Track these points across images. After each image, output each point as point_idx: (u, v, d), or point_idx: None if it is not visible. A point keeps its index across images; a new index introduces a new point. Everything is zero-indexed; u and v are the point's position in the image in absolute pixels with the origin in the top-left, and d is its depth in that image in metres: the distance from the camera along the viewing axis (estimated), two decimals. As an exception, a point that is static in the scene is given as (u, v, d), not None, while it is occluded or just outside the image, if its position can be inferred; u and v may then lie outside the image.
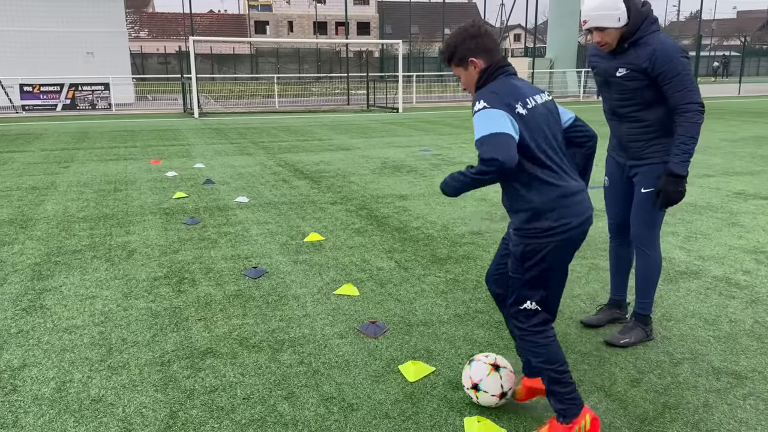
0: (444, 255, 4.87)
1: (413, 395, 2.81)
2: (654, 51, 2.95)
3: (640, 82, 3.03)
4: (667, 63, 2.93)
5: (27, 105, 20.45)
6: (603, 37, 3.02)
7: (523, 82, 2.40)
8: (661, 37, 2.99)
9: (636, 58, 3.01)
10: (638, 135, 3.17)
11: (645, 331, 3.32)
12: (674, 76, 2.94)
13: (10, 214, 6.31)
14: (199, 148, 11.33)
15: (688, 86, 2.94)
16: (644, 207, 3.20)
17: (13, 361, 3.15)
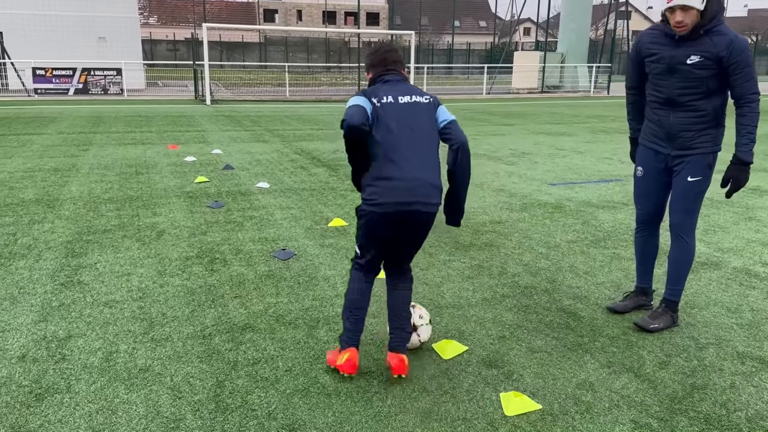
0: (467, 242, 4.96)
1: (449, 371, 2.92)
2: (732, 41, 3.00)
3: (711, 71, 3.07)
4: (742, 53, 3.01)
5: (39, 88, 20.57)
6: (685, 17, 3.01)
7: (391, 85, 2.85)
8: (732, 30, 3.06)
9: (713, 46, 3.03)
10: (691, 124, 3.22)
11: (673, 317, 3.42)
12: (746, 67, 3.03)
13: (36, 194, 6.42)
14: (215, 135, 11.43)
15: (754, 77, 3.05)
16: (688, 195, 3.28)
17: (58, 332, 3.26)
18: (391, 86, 2.84)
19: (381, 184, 2.70)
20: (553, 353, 3.11)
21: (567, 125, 14.02)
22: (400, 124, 2.73)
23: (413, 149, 2.72)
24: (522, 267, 4.39)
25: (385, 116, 2.73)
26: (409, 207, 2.70)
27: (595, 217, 5.79)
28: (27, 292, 3.77)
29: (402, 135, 2.71)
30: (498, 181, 7.45)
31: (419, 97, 2.82)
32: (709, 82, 3.11)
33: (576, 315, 3.57)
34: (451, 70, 44.99)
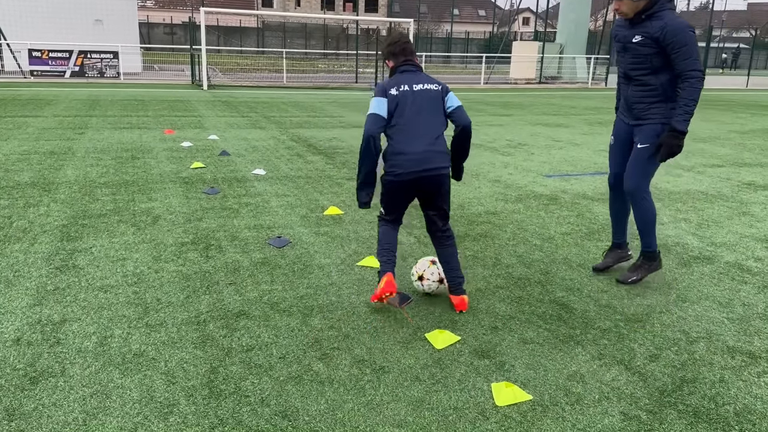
0: (462, 233, 4.98)
1: (441, 361, 2.94)
2: (665, 25, 3.51)
3: (651, 49, 3.58)
4: (676, 35, 3.48)
5: (35, 70, 20.41)
6: (621, 6, 3.63)
7: (407, 75, 3.45)
8: (672, 15, 3.55)
9: (651, 28, 3.56)
10: (642, 97, 3.72)
11: (651, 266, 3.94)
12: (682, 47, 3.48)
13: (32, 177, 6.40)
14: (211, 120, 11.39)
15: (693, 56, 3.48)
16: (639, 161, 3.77)
17: (53, 315, 3.27)
18: (409, 76, 3.45)
19: (399, 158, 3.34)
20: (544, 345, 3.13)
21: (564, 116, 14.02)
22: (414, 109, 3.35)
23: (424, 128, 3.35)
24: (516, 258, 4.42)
25: (403, 103, 3.35)
26: (422, 173, 3.34)
27: (590, 210, 5.81)
28: (22, 276, 3.78)
29: (414, 117, 3.35)
30: (494, 172, 7.46)
31: (430, 85, 3.44)
32: (653, 60, 3.60)
33: (568, 307, 3.60)
34: (450, 59, 44.81)
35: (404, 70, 3.48)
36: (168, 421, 2.41)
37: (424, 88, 3.41)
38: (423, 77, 3.46)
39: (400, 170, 3.34)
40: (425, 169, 3.33)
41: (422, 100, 3.38)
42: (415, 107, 3.35)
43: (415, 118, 3.34)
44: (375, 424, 2.44)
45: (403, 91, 3.38)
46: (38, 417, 2.39)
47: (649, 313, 3.53)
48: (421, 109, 3.36)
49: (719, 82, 30.75)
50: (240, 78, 23.79)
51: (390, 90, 3.37)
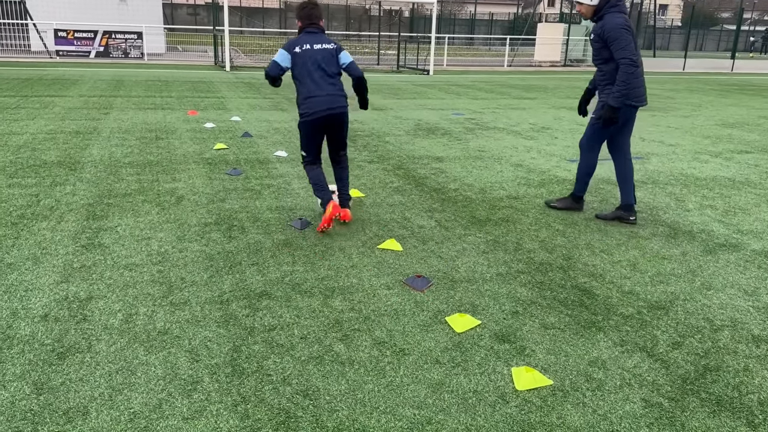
0: (483, 217, 4.96)
1: (461, 345, 2.95)
2: (604, 24, 4.50)
3: (599, 44, 4.58)
4: (610, 32, 4.44)
5: (61, 50, 20.62)
6: (579, 8, 4.70)
7: (309, 36, 4.38)
8: (612, 16, 4.49)
9: (598, 28, 4.56)
10: (600, 80, 4.76)
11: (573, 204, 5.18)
12: (614, 41, 4.43)
13: (58, 156, 6.49)
14: (234, 102, 11.43)
15: (624, 47, 4.40)
16: (589, 126, 4.91)
17: (79, 293, 3.33)
18: (311, 37, 4.37)
19: (309, 102, 4.26)
20: (566, 330, 3.12)
21: (589, 101, 13.79)
22: (314, 63, 4.29)
23: (324, 78, 4.29)
24: (538, 243, 4.39)
25: (305, 58, 4.30)
26: (328, 111, 4.28)
27: (613, 195, 5.74)
28: (49, 253, 3.85)
29: (316, 69, 4.28)
30: (516, 156, 7.40)
31: (327, 45, 4.38)
32: (602, 52, 4.59)
33: (590, 293, 3.57)
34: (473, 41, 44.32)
35: (309, 32, 4.40)
36: (192, 398, 2.45)
37: (322, 48, 4.34)
38: (323, 38, 4.39)
39: (311, 111, 4.25)
40: (330, 107, 4.26)
41: (321, 56, 4.30)
42: (315, 62, 4.27)
43: (317, 70, 4.27)
44: (395, 405, 2.46)
45: (305, 49, 4.30)
46: (66, 391, 2.45)
47: (673, 301, 3.50)
48: (320, 62, 4.29)
49: (749, 66, 29.98)
50: (262, 59, 23.79)
51: (295, 48, 4.31)
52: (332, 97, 4.28)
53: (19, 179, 5.52)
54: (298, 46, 4.30)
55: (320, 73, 4.28)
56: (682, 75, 24.17)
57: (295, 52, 4.30)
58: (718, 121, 11.00)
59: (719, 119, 11.31)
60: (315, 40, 4.35)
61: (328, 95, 4.26)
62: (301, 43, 4.32)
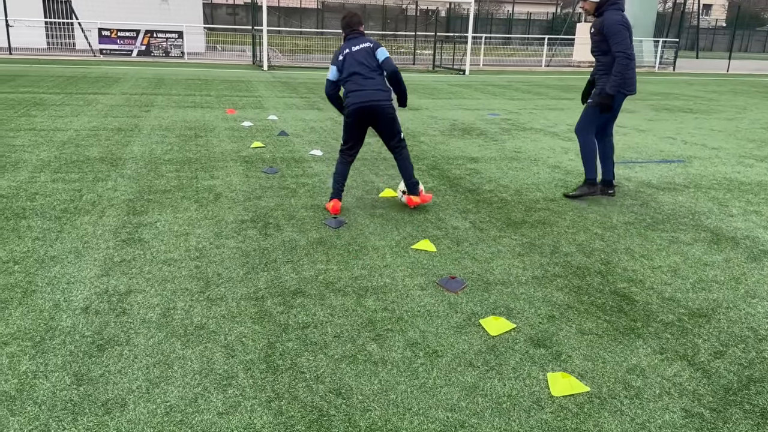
0: (519, 219, 4.90)
1: (495, 348, 2.91)
2: (604, 20, 4.99)
3: (599, 37, 5.06)
4: (610, 27, 4.94)
5: (105, 49, 21.15)
6: (583, 5, 5.23)
7: (350, 42, 4.77)
8: (611, 13, 4.98)
9: (598, 23, 5.04)
10: (598, 70, 5.23)
11: (591, 189, 5.47)
12: (613, 35, 4.93)
13: (101, 152, 6.65)
14: (271, 101, 11.55)
15: (620, 41, 4.91)
16: (585, 111, 5.34)
17: (119, 286, 3.40)
18: (352, 42, 4.78)
19: (350, 96, 4.66)
20: (603, 336, 3.06)
21: (629, 102, 13.53)
22: (356, 62, 4.67)
23: (364, 75, 4.65)
24: (575, 247, 4.32)
25: (348, 62, 4.69)
26: (366, 104, 4.61)
27: (654, 199, 5.61)
28: (90, 247, 3.94)
29: (357, 67, 4.66)
30: (554, 158, 7.29)
31: (365, 44, 4.73)
32: (601, 45, 5.09)
33: (630, 299, 3.49)
34: (510, 41, 43.91)
35: (350, 38, 4.81)
36: (227, 393, 2.48)
37: (361, 47, 4.71)
38: (362, 39, 4.76)
39: (350, 103, 4.65)
40: (368, 100, 4.60)
41: (360, 55, 4.68)
42: (356, 61, 4.66)
43: (359, 66, 4.65)
44: (428, 407, 2.44)
45: (346, 53, 4.71)
46: (104, 383, 2.50)
47: (715, 308, 3.40)
48: (360, 61, 4.66)
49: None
50: (299, 59, 24.00)
51: (338, 57, 4.73)
52: (373, 92, 4.61)
53: (63, 174, 5.67)
54: (341, 54, 4.73)
55: (361, 69, 4.64)
56: (727, 77, 23.52)
57: (340, 60, 4.72)
58: (765, 124, 10.66)
59: (765, 122, 10.96)
60: (355, 43, 4.74)
61: (368, 90, 4.61)
62: (343, 50, 4.75)
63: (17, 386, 2.45)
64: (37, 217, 4.47)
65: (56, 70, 15.49)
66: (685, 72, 24.70)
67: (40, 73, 14.75)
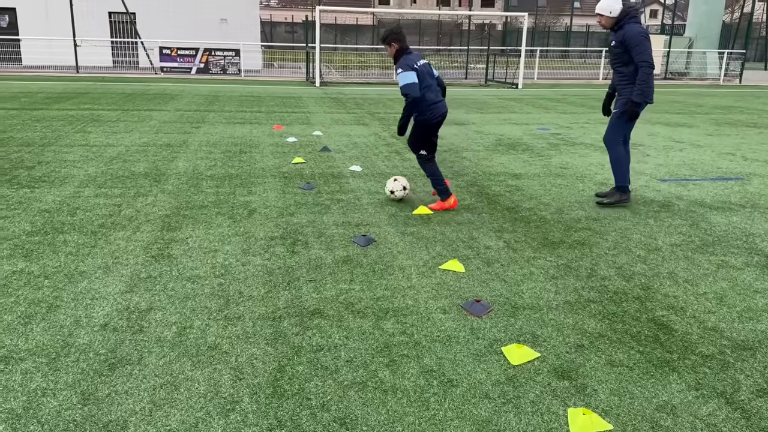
0: (557, 239, 4.70)
1: (515, 379, 2.75)
2: (625, 33, 5.26)
3: (620, 49, 5.33)
4: (632, 39, 5.19)
5: (165, 67, 21.92)
6: (600, 20, 5.45)
7: (414, 55, 5.11)
8: (632, 26, 5.26)
9: (620, 36, 5.30)
10: (620, 81, 5.48)
11: (621, 197, 5.63)
12: (636, 46, 5.18)
13: (146, 168, 6.82)
14: (318, 117, 11.64)
15: (643, 52, 5.17)
16: (612, 120, 5.61)
17: (141, 303, 3.42)
18: (414, 55, 5.12)
19: (433, 107, 5.09)
20: (635, 368, 2.85)
21: (688, 115, 12.98)
22: (426, 77, 5.07)
23: (435, 87, 5.14)
24: (614, 270, 4.09)
25: (422, 73, 5.04)
26: (444, 115, 5.18)
27: (706, 219, 5.29)
28: (120, 263, 4.00)
29: (430, 81, 5.10)
30: (601, 174, 7.01)
31: (424, 61, 5.16)
32: (622, 56, 5.35)
33: (668, 328, 3.26)
34: (568, 54, 43.12)
35: (410, 51, 5.13)
36: (228, 419, 2.42)
37: (424, 62, 5.16)
38: (419, 56, 5.19)
39: (433, 114, 5.09)
40: (444, 112, 5.18)
41: (427, 70, 5.14)
42: (427, 74, 5.09)
43: (431, 82, 5.09)
44: (434, 441, 2.31)
45: (420, 64, 5.07)
46: (109, 404, 2.49)
47: (762, 341, 3.12)
48: (429, 75, 5.12)
49: None
50: (352, 75, 24.22)
51: (414, 65, 5.00)
52: (445, 104, 5.24)
53: (107, 189, 5.82)
54: (414, 63, 5.04)
55: (433, 84, 5.12)
56: (799, 88, 22.29)
57: (416, 68, 5.01)
58: (837, 139, 9.99)
59: (838, 136, 10.27)
60: (418, 58, 5.13)
61: (442, 102, 5.21)
62: (414, 60, 5.07)
63: (25, 404, 2.47)
64: (74, 231, 4.59)
65: (117, 88, 16.13)
66: (752, 84, 23.56)
67: (103, 90, 15.39)
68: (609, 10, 5.32)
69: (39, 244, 4.29)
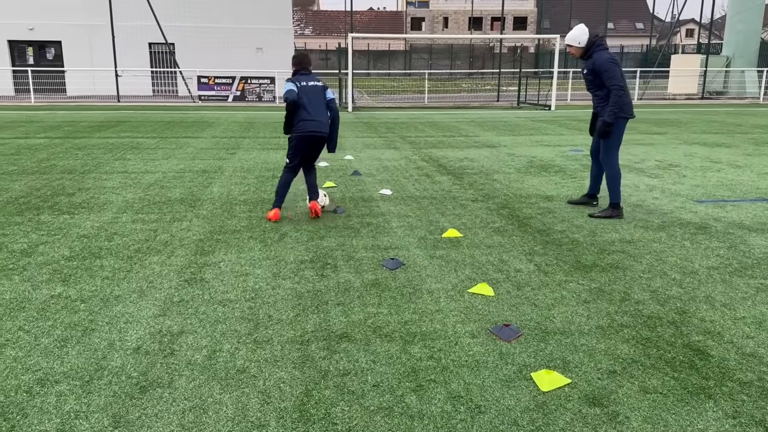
0: (589, 262, 4.62)
1: (545, 405, 2.70)
2: (594, 61, 5.79)
3: (592, 75, 5.85)
4: (601, 65, 5.72)
5: (203, 95, 22.51)
6: (570, 50, 6.01)
7: (304, 77, 5.71)
8: (600, 53, 5.79)
9: (589, 63, 5.85)
10: (598, 103, 5.96)
11: (614, 212, 5.92)
12: (605, 71, 5.70)
13: (182, 193, 6.97)
14: (350, 141, 11.76)
15: (612, 77, 5.67)
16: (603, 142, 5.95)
17: (173, 327, 3.48)
18: (304, 76, 5.71)
19: (303, 123, 5.56)
20: (669, 396, 2.77)
21: (727, 135, 12.70)
22: (309, 96, 5.60)
23: (315, 108, 5.59)
24: (649, 294, 4.00)
25: (303, 91, 5.59)
26: (315, 133, 5.59)
27: (745, 241, 5.14)
28: (154, 287, 4.08)
29: (310, 101, 5.58)
30: (636, 195, 6.90)
31: (316, 83, 5.70)
32: (595, 81, 5.86)
33: (704, 353, 3.16)
34: (602, 75, 42.71)
35: (302, 73, 5.74)
36: (255, 442, 2.43)
37: (311, 84, 5.66)
38: (313, 78, 5.73)
39: (304, 130, 5.55)
40: (316, 130, 5.57)
41: (312, 91, 5.63)
42: (309, 95, 5.59)
43: (311, 101, 5.56)
44: (461, 469, 2.28)
45: (302, 84, 5.61)
46: (139, 426, 2.53)
47: (806, 368, 3.00)
48: (312, 95, 5.61)
49: None
50: (384, 99, 24.46)
51: (297, 82, 5.59)
52: (320, 124, 5.58)
53: (144, 215, 5.97)
54: (298, 81, 5.63)
55: (314, 103, 5.59)
56: (844, 105, 21.63)
57: (298, 84, 5.61)
58: None
59: None
60: (308, 79, 5.69)
61: (317, 121, 5.57)
62: (299, 80, 5.65)
63: (58, 426, 2.52)
64: (111, 256, 4.71)
65: (157, 116, 16.60)
66: (795, 101, 22.98)
67: (142, 118, 15.86)
68: (578, 41, 5.85)
69: (77, 269, 4.42)
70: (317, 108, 5.57)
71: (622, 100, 5.65)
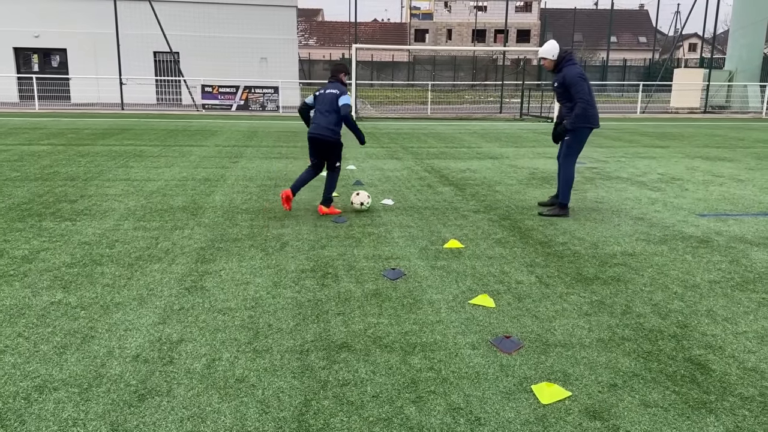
0: (591, 274, 4.61)
1: (545, 418, 2.69)
2: (564, 75, 6.25)
3: (562, 88, 6.32)
4: (570, 79, 6.19)
5: (207, 104, 22.59)
6: (544, 63, 6.49)
7: (329, 84, 6.42)
8: (570, 68, 6.26)
9: (559, 77, 6.31)
10: (566, 113, 6.40)
11: (562, 211, 6.47)
12: (573, 85, 6.18)
13: (184, 201, 6.98)
14: (353, 151, 11.79)
15: (580, 90, 6.17)
16: (565, 143, 6.47)
17: (173, 335, 3.47)
18: (329, 84, 6.37)
19: (312, 125, 6.30)
20: (670, 410, 2.75)
21: (729, 149, 12.71)
22: (322, 102, 6.28)
23: (321, 113, 6.23)
24: (650, 307, 3.98)
25: (319, 99, 6.33)
26: (313, 134, 6.25)
27: (746, 256, 5.13)
28: (154, 294, 4.08)
29: (319, 107, 6.28)
30: (638, 209, 6.90)
31: (335, 90, 6.27)
32: (564, 93, 6.32)
33: (705, 367, 3.15)
34: (605, 88, 42.91)
35: (330, 81, 6.41)
36: (252, 452, 2.42)
37: (329, 92, 6.28)
38: (334, 86, 6.32)
39: (308, 132, 6.32)
40: (317, 133, 6.21)
41: (327, 97, 6.26)
42: (323, 100, 6.27)
43: (320, 107, 6.26)
44: (460, 481, 2.26)
45: (321, 92, 6.35)
46: (137, 433, 2.52)
47: (809, 384, 2.99)
48: (325, 101, 6.25)
49: None
50: (387, 110, 24.53)
51: (316, 93, 6.38)
52: (322, 128, 6.18)
53: (145, 222, 5.98)
54: (318, 92, 6.41)
55: (324, 109, 6.22)
56: None
57: (315, 95, 6.40)
58: None
59: None
60: (329, 87, 6.34)
61: (320, 125, 6.19)
62: (320, 89, 6.42)
63: (56, 432, 2.51)
64: (112, 263, 4.71)
65: (160, 124, 16.66)
66: (797, 116, 23.00)
67: (146, 126, 15.92)
68: (552, 54, 6.35)
69: (77, 276, 4.42)
70: (323, 113, 6.19)
71: (586, 112, 6.19)
